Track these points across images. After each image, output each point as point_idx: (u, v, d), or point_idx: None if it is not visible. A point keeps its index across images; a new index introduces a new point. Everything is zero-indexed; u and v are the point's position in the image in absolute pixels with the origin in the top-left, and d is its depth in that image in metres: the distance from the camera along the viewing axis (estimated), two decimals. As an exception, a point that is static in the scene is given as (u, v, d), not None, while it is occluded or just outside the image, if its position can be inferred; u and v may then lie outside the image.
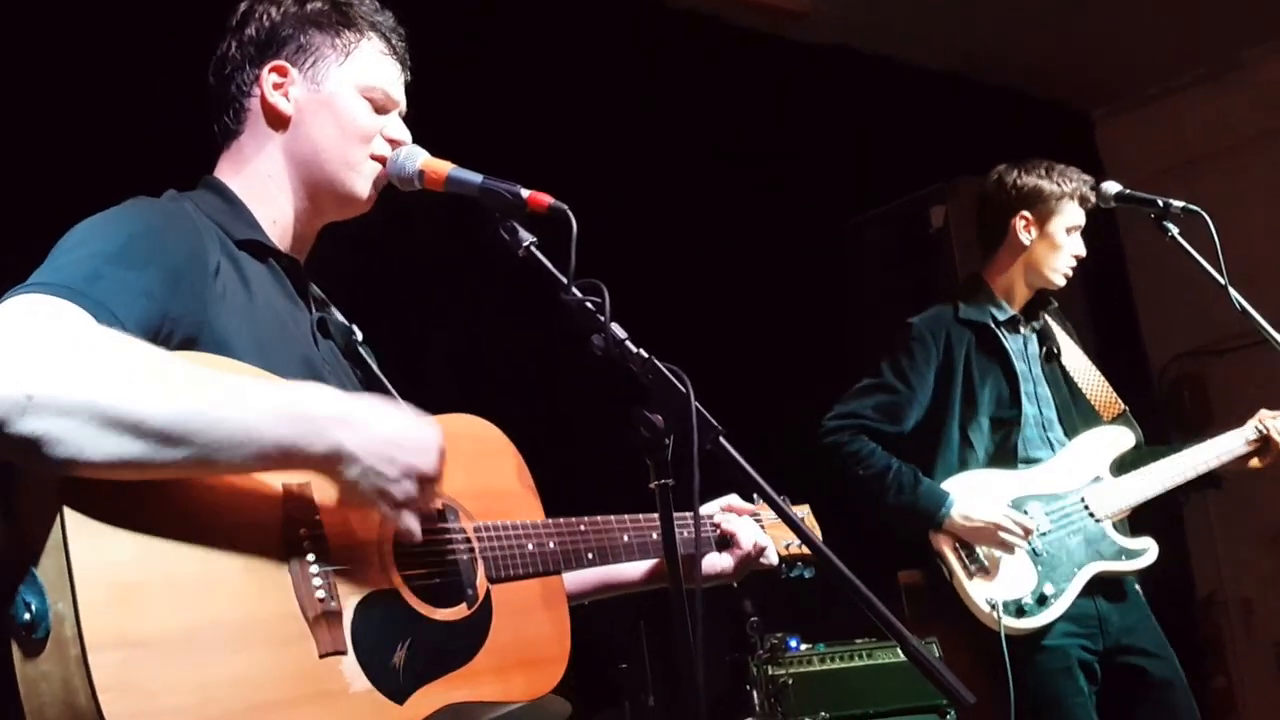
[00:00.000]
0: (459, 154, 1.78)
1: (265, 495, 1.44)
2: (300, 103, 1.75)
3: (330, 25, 1.77)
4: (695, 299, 4.45)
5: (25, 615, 1.26)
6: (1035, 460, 3.23)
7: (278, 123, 1.75)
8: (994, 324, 3.31)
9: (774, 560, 2.12)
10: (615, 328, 1.62)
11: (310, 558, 1.44)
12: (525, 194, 1.68)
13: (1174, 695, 3.12)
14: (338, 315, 1.90)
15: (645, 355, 1.60)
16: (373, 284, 3.48)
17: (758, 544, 2.08)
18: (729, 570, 2.08)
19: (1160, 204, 3.12)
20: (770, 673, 3.54)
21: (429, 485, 1.54)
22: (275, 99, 1.74)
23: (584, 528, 1.83)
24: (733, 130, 4.78)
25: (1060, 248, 3.29)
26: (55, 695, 1.25)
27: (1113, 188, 3.24)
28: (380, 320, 2.02)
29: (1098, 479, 3.22)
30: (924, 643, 3.34)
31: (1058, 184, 3.30)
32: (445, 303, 4.03)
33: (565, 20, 4.29)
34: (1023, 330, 3.36)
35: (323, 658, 1.40)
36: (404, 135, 1.81)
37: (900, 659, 3.49)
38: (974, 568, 3.09)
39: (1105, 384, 3.39)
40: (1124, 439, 3.30)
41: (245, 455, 1.37)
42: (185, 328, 1.49)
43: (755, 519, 2.15)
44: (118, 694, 1.23)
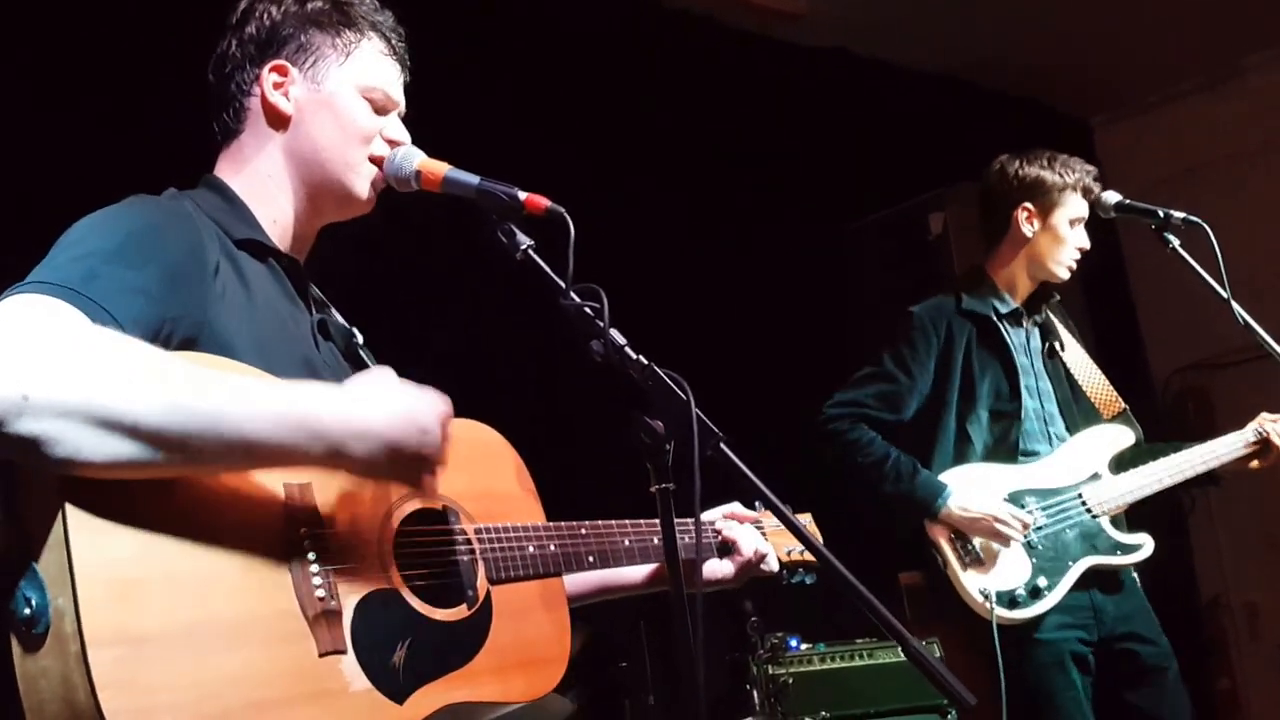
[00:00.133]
0: (457, 154, 1.77)
1: (266, 494, 1.44)
2: (300, 102, 1.75)
3: (331, 25, 1.77)
4: (693, 300, 4.44)
5: (25, 610, 1.26)
6: (1034, 454, 3.23)
7: (278, 122, 1.75)
8: (996, 316, 3.30)
9: (774, 567, 2.13)
10: (614, 334, 1.61)
11: (310, 556, 1.43)
12: (522, 196, 1.67)
13: (1166, 681, 3.13)
14: (338, 317, 1.90)
15: (645, 362, 1.59)
16: (373, 284, 3.48)
17: (758, 551, 2.09)
18: (729, 576, 2.09)
19: (1161, 215, 3.10)
20: (770, 672, 3.53)
21: (435, 462, 1.54)
22: (275, 98, 1.74)
23: (585, 531, 1.83)
24: (731, 132, 4.78)
25: (1063, 240, 3.28)
26: (55, 691, 1.25)
27: (1113, 198, 3.22)
28: (380, 320, 2.02)
29: (1096, 476, 3.22)
30: (925, 644, 3.37)
31: (1060, 175, 3.28)
32: (445, 303, 4.03)
33: (565, 21, 4.29)
34: (1025, 324, 3.36)
35: (322, 657, 1.40)
36: (403, 136, 1.81)
37: (901, 659, 3.49)
38: (969, 559, 3.09)
39: (1105, 382, 3.38)
40: (1124, 437, 3.30)
41: (244, 457, 1.38)
42: (184, 327, 1.49)
43: (757, 526, 2.15)
44: (116, 690, 1.23)
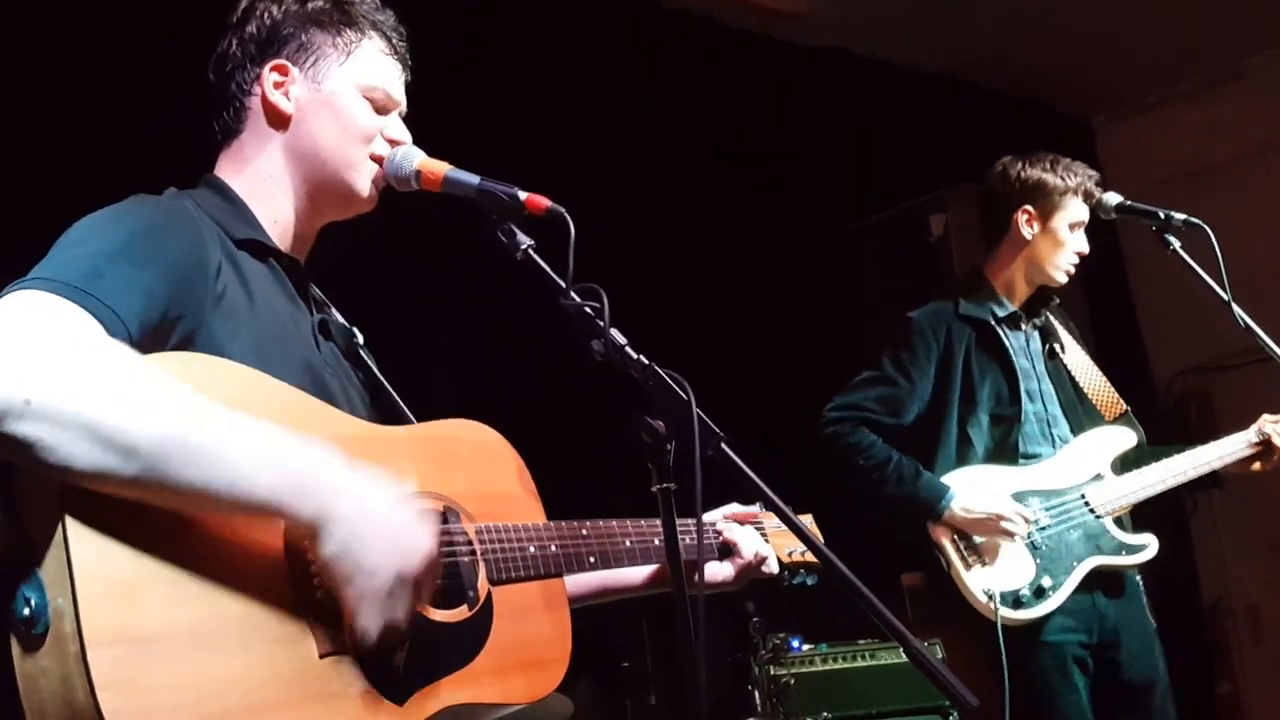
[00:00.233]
0: (457, 154, 1.77)
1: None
2: (301, 102, 1.75)
3: (331, 24, 1.77)
4: (693, 299, 4.44)
5: (25, 610, 1.26)
6: (1036, 456, 3.22)
7: (278, 122, 1.75)
8: (994, 320, 3.29)
9: (775, 569, 2.12)
10: (615, 334, 1.60)
11: (310, 556, 1.43)
12: (523, 196, 1.66)
13: (1151, 699, 3.13)
14: (338, 317, 1.90)
15: (645, 361, 1.58)
16: (373, 284, 3.47)
17: (759, 553, 2.08)
18: (729, 579, 2.08)
19: (1162, 216, 3.09)
20: (772, 673, 3.52)
21: (405, 589, 1.42)
22: (276, 98, 1.74)
23: (586, 531, 1.82)
24: (731, 132, 4.77)
25: (1063, 244, 3.26)
26: (54, 691, 1.25)
27: (1113, 199, 3.21)
28: (380, 320, 2.02)
29: (1099, 476, 3.22)
30: (927, 645, 3.37)
31: (1062, 178, 3.26)
32: (445, 303, 4.02)
33: (565, 21, 4.29)
34: (1024, 327, 3.35)
35: (322, 658, 1.40)
36: (404, 135, 1.81)
37: (903, 660, 3.48)
38: (972, 559, 3.09)
39: (1107, 384, 3.37)
40: (1126, 438, 3.30)
41: (232, 498, 1.33)
42: (184, 327, 1.49)
43: (758, 527, 2.15)
44: (116, 691, 1.23)
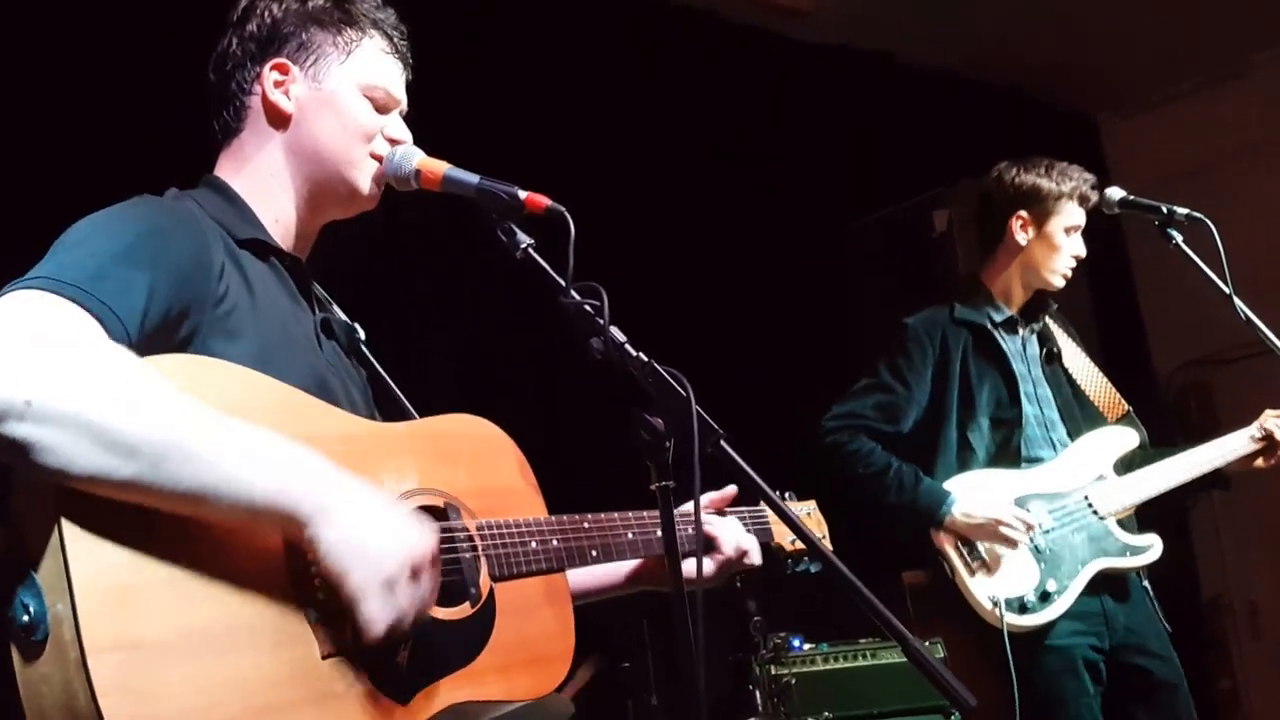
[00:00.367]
0: (457, 153, 1.77)
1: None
2: (301, 101, 1.74)
3: (332, 23, 1.77)
4: (693, 297, 4.43)
5: (24, 617, 1.26)
6: (1038, 460, 3.21)
7: (279, 121, 1.74)
8: (990, 325, 3.28)
9: (757, 561, 2.05)
10: (615, 331, 1.60)
11: (311, 556, 1.42)
12: (522, 195, 1.66)
13: (1177, 699, 3.12)
14: (340, 315, 1.90)
15: (645, 359, 1.58)
16: (373, 284, 3.48)
17: (739, 546, 2.02)
18: (709, 575, 1.99)
19: (1164, 211, 3.08)
20: (773, 672, 3.52)
21: (407, 578, 1.42)
22: (276, 97, 1.73)
23: (588, 525, 1.82)
24: (733, 130, 4.76)
25: (1059, 249, 3.25)
26: (56, 698, 1.24)
27: (1116, 194, 3.20)
28: (380, 320, 2.01)
29: (1101, 478, 3.21)
30: (929, 643, 3.36)
31: (1056, 183, 3.25)
32: (445, 303, 4.02)
33: (565, 19, 4.28)
34: (1021, 331, 3.33)
35: (325, 659, 1.40)
36: (404, 135, 1.80)
37: (904, 659, 3.48)
38: (976, 565, 3.08)
39: (1108, 385, 3.36)
40: (1128, 439, 3.29)
41: (231, 500, 1.33)
42: (188, 328, 1.49)
43: (759, 516, 2.13)
44: (118, 697, 1.22)
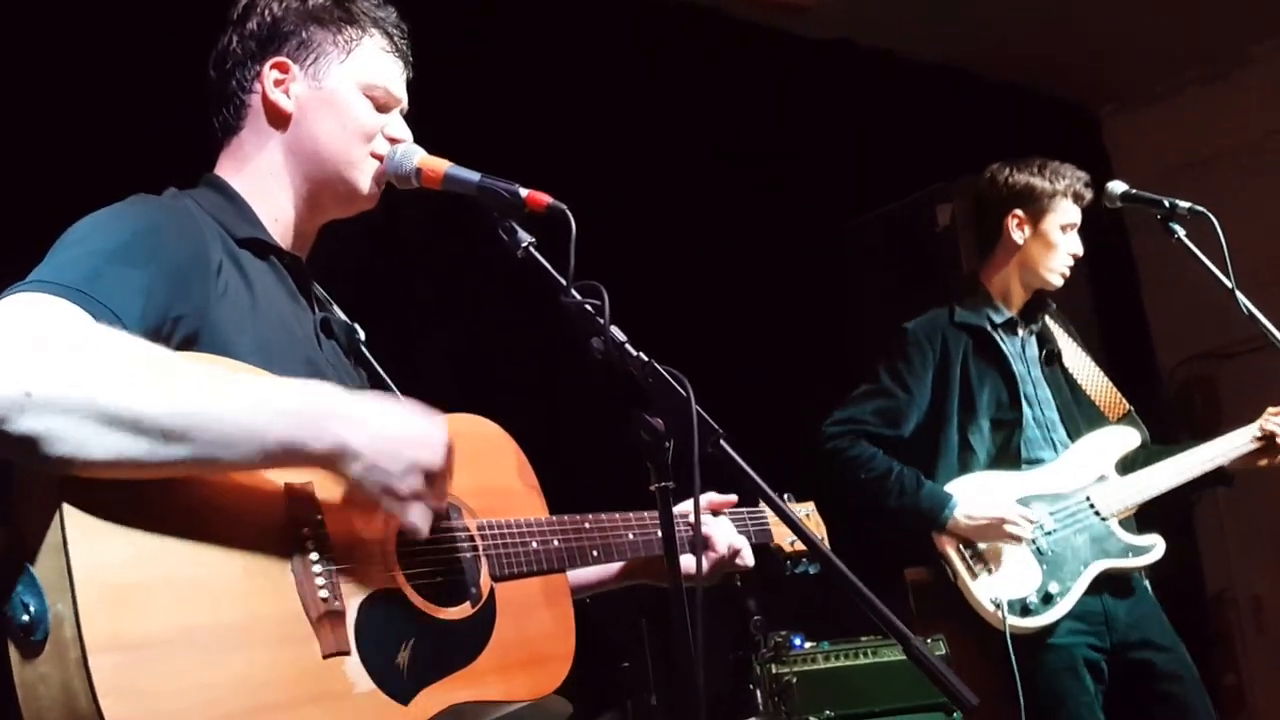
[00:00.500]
0: (457, 153, 1.77)
1: (268, 494, 1.43)
2: (301, 100, 1.74)
3: (332, 21, 1.76)
4: (694, 297, 4.43)
5: (24, 616, 1.26)
6: (1038, 461, 3.21)
7: (278, 120, 1.74)
8: (990, 327, 3.28)
9: (750, 562, 2.06)
10: (615, 331, 1.60)
11: (313, 557, 1.43)
12: (524, 193, 1.66)
13: (1184, 688, 3.10)
14: (340, 314, 1.90)
15: (645, 359, 1.58)
16: (373, 282, 3.47)
17: (732, 546, 2.03)
18: (701, 575, 1.94)
19: (1166, 204, 3.07)
20: (774, 671, 3.51)
21: (436, 481, 1.51)
22: (276, 96, 1.73)
23: (588, 525, 1.83)
24: (733, 128, 4.75)
25: (1055, 247, 3.25)
26: (55, 698, 1.24)
27: (1118, 187, 3.19)
28: (380, 319, 2.01)
29: (1103, 478, 3.20)
30: (931, 640, 3.36)
31: (1050, 181, 3.25)
32: (445, 301, 4.02)
33: (566, 17, 4.27)
34: (1021, 332, 3.33)
35: (326, 658, 1.40)
36: (404, 133, 1.80)
37: (905, 656, 3.47)
38: (978, 567, 3.08)
39: (1109, 385, 3.36)
40: (1129, 439, 3.28)
41: (247, 453, 1.37)
42: (186, 327, 1.48)
43: (759, 519, 2.13)
44: (119, 697, 1.22)
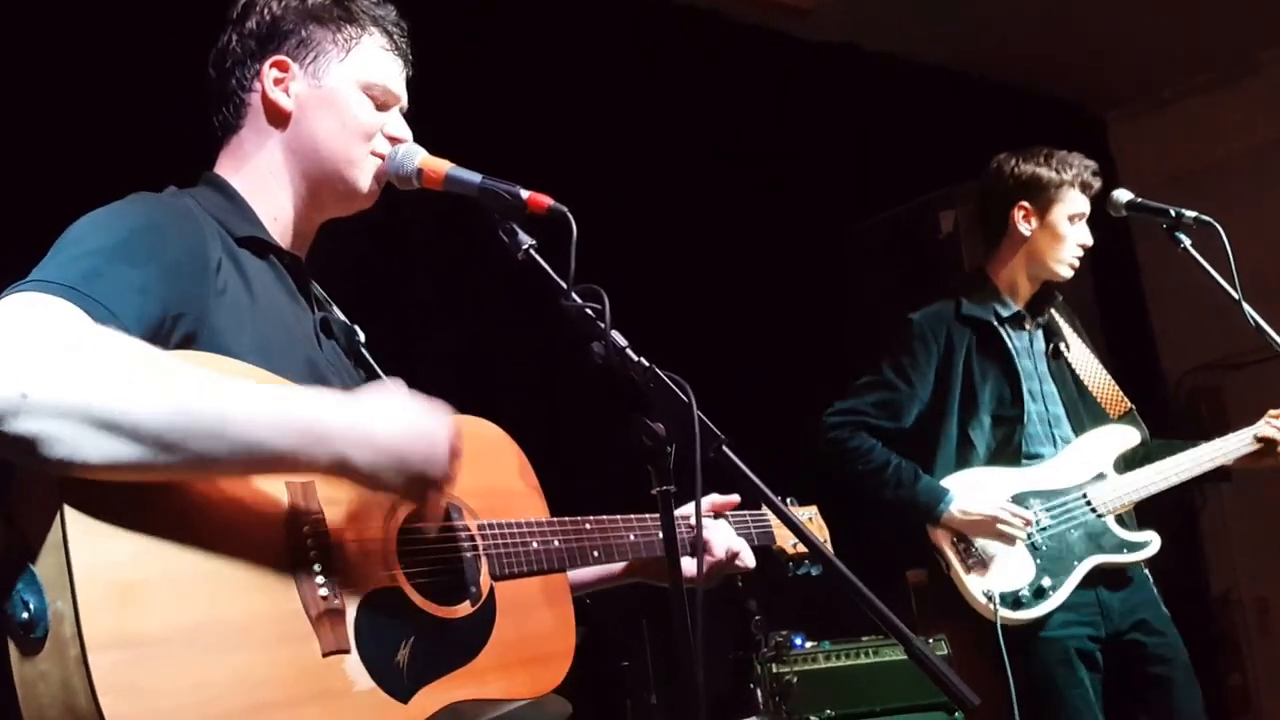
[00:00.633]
0: (457, 152, 1.77)
1: (268, 493, 1.43)
2: (301, 99, 1.74)
3: (332, 20, 1.76)
4: (695, 299, 4.43)
5: (23, 614, 1.25)
6: (1038, 457, 3.20)
7: (278, 119, 1.74)
8: (996, 321, 3.26)
9: (750, 563, 2.06)
10: (616, 335, 1.59)
11: (313, 555, 1.43)
12: (525, 195, 1.65)
13: (1173, 670, 3.11)
14: (339, 314, 1.89)
15: (646, 364, 1.57)
16: (373, 283, 3.47)
17: (730, 549, 2.03)
18: (697, 577, 1.96)
19: (1172, 214, 3.05)
20: (775, 670, 3.51)
21: (441, 482, 1.51)
22: (276, 95, 1.73)
23: (589, 526, 1.83)
24: (733, 130, 4.75)
25: (1063, 238, 3.22)
26: (54, 695, 1.24)
27: (1124, 196, 3.16)
28: (380, 319, 2.01)
29: (1101, 475, 3.19)
30: (932, 640, 3.35)
31: (1057, 171, 3.22)
32: (446, 302, 4.02)
33: (567, 17, 4.28)
34: (1028, 327, 3.31)
35: (326, 656, 1.39)
36: (404, 132, 1.80)
37: (906, 656, 3.47)
38: (972, 561, 3.08)
39: (1112, 382, 3.35)
40: (1129, 437, 3.27)
41: (245, 462, 1.36)
42: (185, 325, 1.48)
43: (761, 522, 2.12)
44: (118, 694, 1.22)
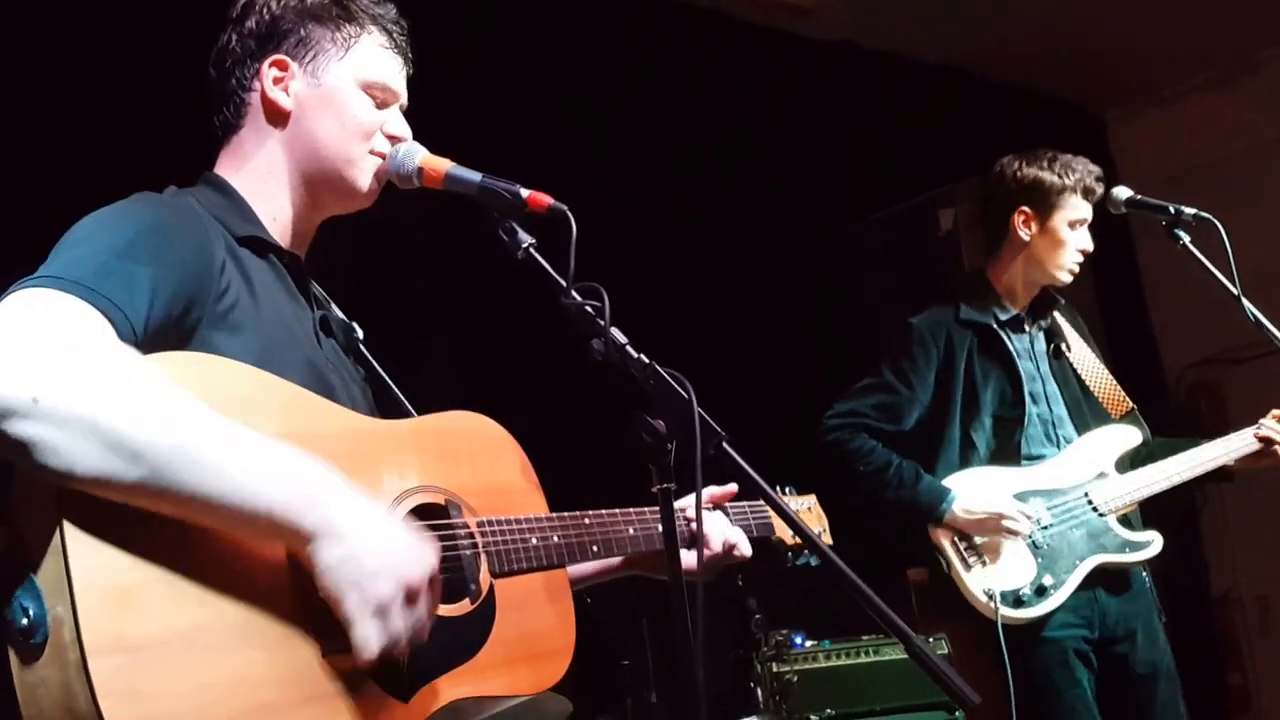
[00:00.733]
0: (457, 152, 1.77)
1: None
2: (300, 98, 1.74)
3: (331, 19, 1.76)
4: (696, 297, 4.43)
5: (23, 620, 1.25)
6: (1039, 457, 3.20)
7: (278, 118, 1.74)
8: (996, 324, 3.25)
9: (747, 553, 2.05)
10: (615, 333, 1.59)
11: (309, 572, 1.41)
12: (525, 194, 1.65)
13: (1155, 685, 3.11)
14: (338, 313, 1.90)
15: (646, 361, 1.57)
16: (373, 281, 3.48)
17: (727, 541, 2.02)
18: (695, 570, 1.90)
19: (1171, 211, 3.05)
20: (775, 669, 3.52)
21: (405, 597, 1.41)
22: (275, 94, 1.73)
23: (588, 521, 1.82)
24: (734, 129, 4.74)
25: (1063, 244, 3.21)
26: (55, 701, 1.24)
27: (1124, 193, 3.15)
28: (380, 318, 2.01)
29: (1102, 475, 3.19)
30: (933, 639, 3.35)
31: (1060, 176, 3.21)
32: (446, 301, 4.02)
33: (565, 19, 4.27)
34: (1028, 329, 3.31)
35: (325, 656, 1.39)
36: (404, 131, 1.80)
37: (906, 655, 3.47)
38: (972, 560, 3.08)
39: (1113, 382, 3.34)
40: (1131, 437, 3.27)
41: (234, 508, 1.32)
42: (190, 323, 1.49)
43: (760, 513, 2.13)
44: (119, 699, 1.22)
